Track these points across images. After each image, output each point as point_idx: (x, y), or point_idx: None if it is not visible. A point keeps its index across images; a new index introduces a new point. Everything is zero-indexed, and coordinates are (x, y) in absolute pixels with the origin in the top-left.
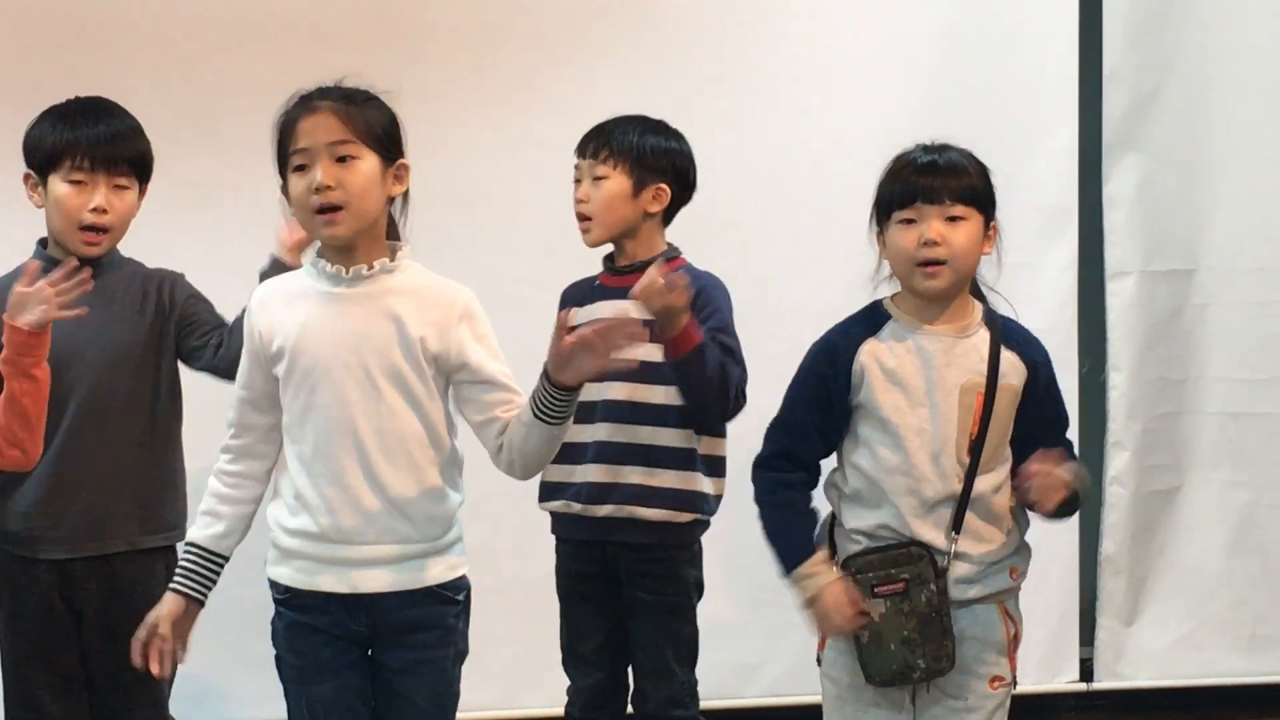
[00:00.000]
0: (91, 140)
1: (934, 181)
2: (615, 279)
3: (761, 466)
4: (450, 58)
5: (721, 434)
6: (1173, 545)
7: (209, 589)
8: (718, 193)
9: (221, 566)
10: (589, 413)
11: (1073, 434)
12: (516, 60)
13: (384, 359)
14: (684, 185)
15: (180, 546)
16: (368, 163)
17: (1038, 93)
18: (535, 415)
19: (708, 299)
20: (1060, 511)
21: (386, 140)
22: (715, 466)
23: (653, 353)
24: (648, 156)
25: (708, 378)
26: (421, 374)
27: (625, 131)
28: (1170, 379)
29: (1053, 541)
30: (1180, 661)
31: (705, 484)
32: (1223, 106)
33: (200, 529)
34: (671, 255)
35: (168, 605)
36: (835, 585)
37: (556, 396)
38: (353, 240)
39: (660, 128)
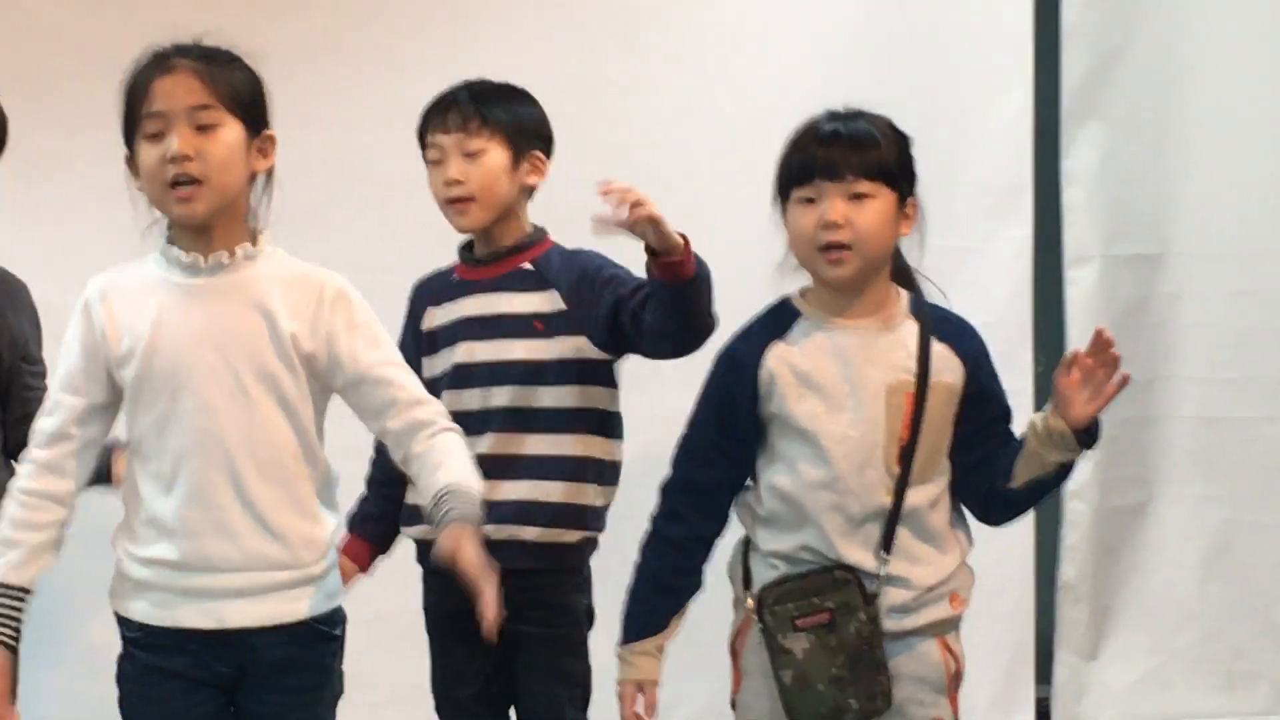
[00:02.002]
0: None
1: (835, 154)
2: (477, 271)
3: (659, 513)
4: (317, 17)
5: (619, 436)
6: (1140, 569)
7: (19, 630)
8: (621, 172)
9: (25, 602)
10: (480, 423)
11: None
12: (393, 20)
13: (254, 359)
14: (550, 152)
15: None
16: (231, 132)
17: (987, 53)
18: (430, 517)
19: (593, 272)
20: (1086, 438)
21: (252, 108)
22: (608, 474)
23: (536, 352)
24: (523, 122)
25: (706, 303)
26: (295, 375)
27: (488, 98)
28: (1136, 379)
29: (1004, 564)
30: (1148, 700)
31: (594, 495)
32: (1196, 69)
33: None
34: (539, 238)
35: None
36: (630, 686)
37: None
38: (210, 220)
39: (518, 92)
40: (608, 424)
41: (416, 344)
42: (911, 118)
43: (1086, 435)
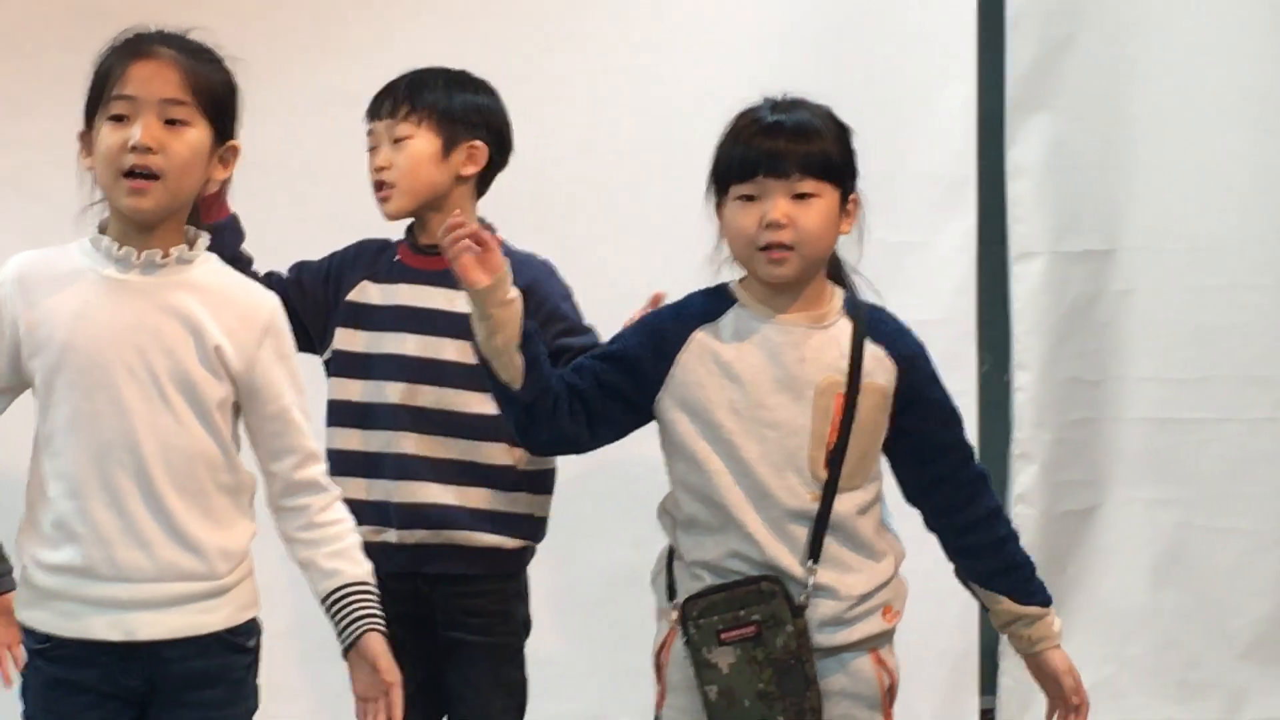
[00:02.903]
0: None
1: (779, 147)
2: (420, 259)
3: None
4: (231, 5)
5: None
6: (1090, 575)
7: None
8: (550, 163)
9: None
10: (406, 419)
11: (972, 443)
12: (321, 7)
13: (175, 363)
14: (500, 146)
15: None
16: (198, 133)
17: (930, 41)
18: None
19: (542, 296)
20: None
21: (224, 113)
22: (539, 483)
23: (468, 354)
24: (457, 110)
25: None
26: (217, 384)
27: (427, 84)
28: (1085, 379)
29: (946, 573)
30: (1099, 711)
31: (527, 503)
32: (1145, 58)
33: None
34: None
35: None
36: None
37: None
38: (157, 220)
39: (466, 79)
40: None
41: (332, 288)
42: (852, 107)
43: None
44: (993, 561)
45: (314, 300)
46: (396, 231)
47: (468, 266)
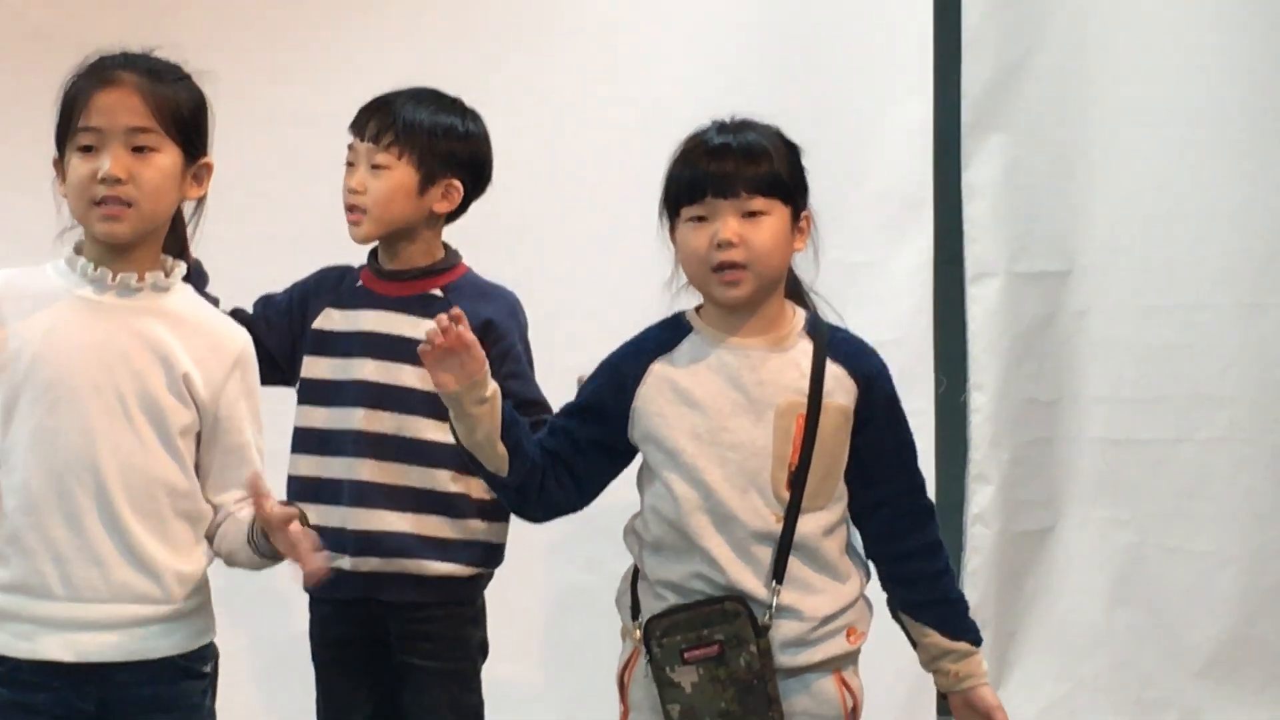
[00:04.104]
0: None
1: (726, 169)
2: (382, 284)
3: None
4: (196, 20)
5: None
6: (1046, 594)
7: None
8: (505, 182)
9: None
10: (364, 445)
11: (927, 465)
12: (272, 23)
13: (141, 386)
14: (477, 179)
15: None
16: (167, 158)
17: (885, 61)
18: (254, 549)
19: (500, 333)
20: None
21: (193, 132)
22: (496, 510)
23: (427, 381)
24: (440, 146)
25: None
26: (184, 411)
27: (415, 112)
28: (1041, 399)
29: None
30: None
31: (483, 531)
32: (1101, 79)
33: None
34: (451, 264)
35: None
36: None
37: (269, 557)
38: (132, 244)
39: (456, 108)
40: None
41: (297, 320)
42: (807, 127)
43: None
44: (927, 593)
45: (279, 332)
46: (352, 254)
47: (443, 375)
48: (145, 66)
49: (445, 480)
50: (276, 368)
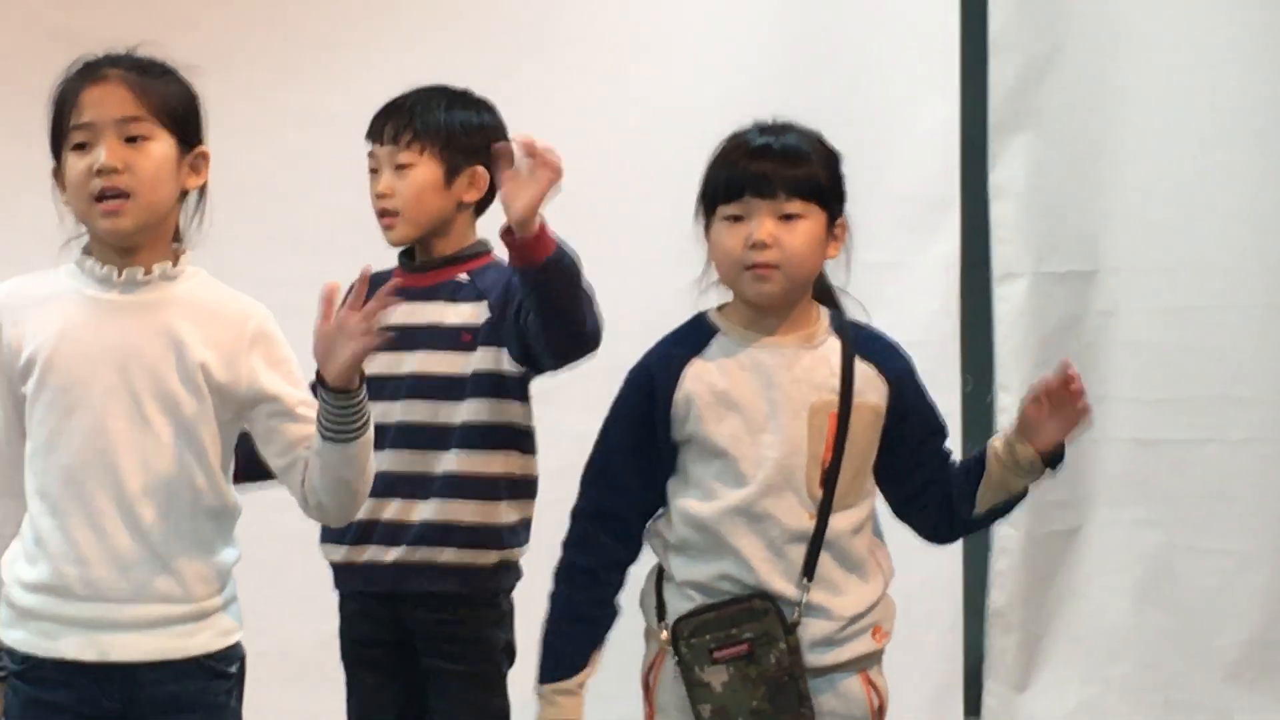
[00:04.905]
0: None
1: (767, 169)
2: (414, 278)
3: (569, 540)
4: (217, 22)
5: (533, 451)
6: (1073, 596)
7: None
8: None
9: None
10: (392, 436)
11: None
12: (293, 25)
13: (156, 382)
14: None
15: None
16: (161, 146)
17: (912, 61)
18: (321, 435)
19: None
20: (1052, 460)
21: (185, 122)
22: (522, 489)
23: (457, 366)
24: (459, 136)
25: (571, 292)
26: (200, 404)
27: (429, 108)
28: None
29: (931, 592)
30: None
31: (507, 512)
32: (1127, 79)
33: None
34: (478, 251)
35: None
36: None
37: (333, 402)
38: (135, 237)
39: (469, 99)
40: (523, 439)
41: None
42: (833, 127)
43: (1054, 457)
44: (967, 491)
45: None
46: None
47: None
48: (131, 62)
49: (474, 463)
50: None
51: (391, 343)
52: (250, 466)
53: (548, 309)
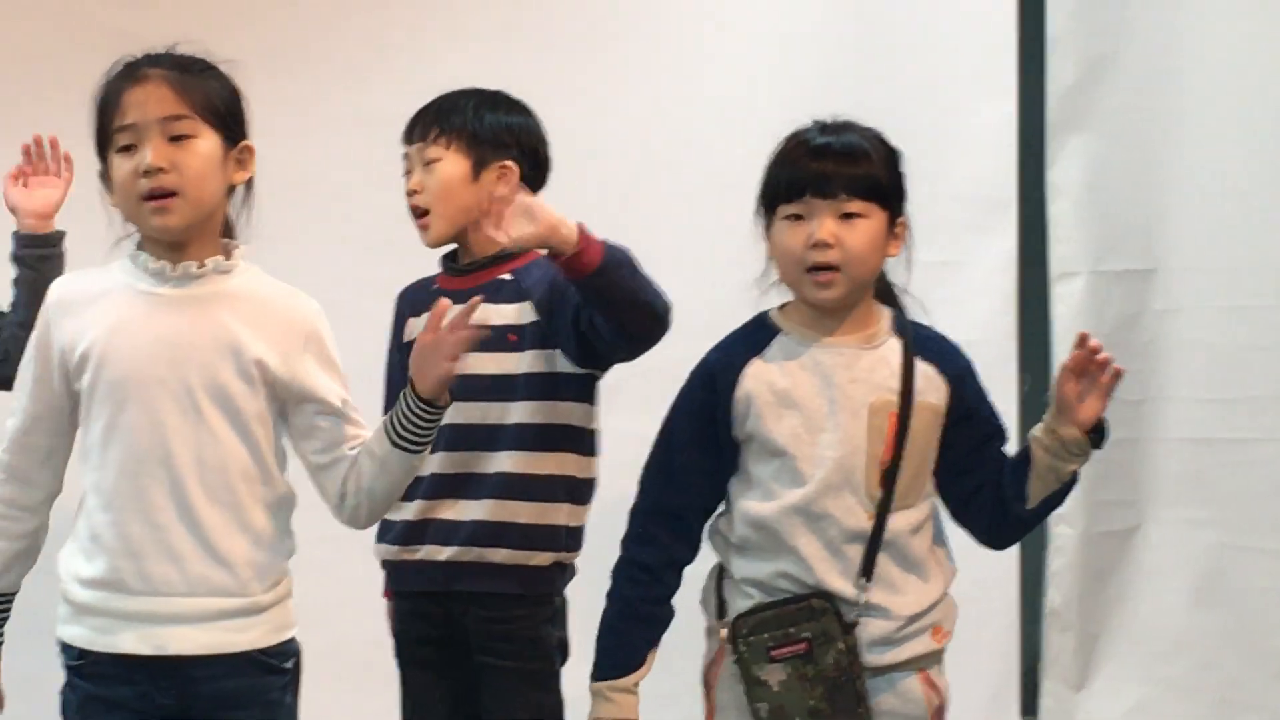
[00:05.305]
0: None
1: (828, 168)
2: (457, 280)
3: (628, 537)
4: (273, 24)
5: (593, 453)
6: (1129, 595)
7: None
8: (583, 181)
9: (9, 602)
10: (445, 439)
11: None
12: (349, 27)
13: (209, 375)
14: (534, 164)
15: None
16: (206, 143)
17: (969, 59)
18: (393, 442)
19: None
20: (1095, 438)
21: (228, 117)
22: (580, 492)
23: (507, 366)
24: (485, 130)
25: (634, 284)
26: (255, 397)
27: (456, 105)
28: (1126, 399)
29: (987, 591)
30: None
31: (566, 515)
32: (1186, 77)
33: None
34: (522, 249)
35: None
36: None
37: (422, 414)
38: (185, 233)
39: (499, 99)
40: (581, 440)
41: (400, 356)
42: (891, 126)
43: (1097, 435)
44: (1017, 488)
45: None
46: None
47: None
48: (171, 60)
49: (527, 464)
50: None
51: None
52: None
53: (617, 306)
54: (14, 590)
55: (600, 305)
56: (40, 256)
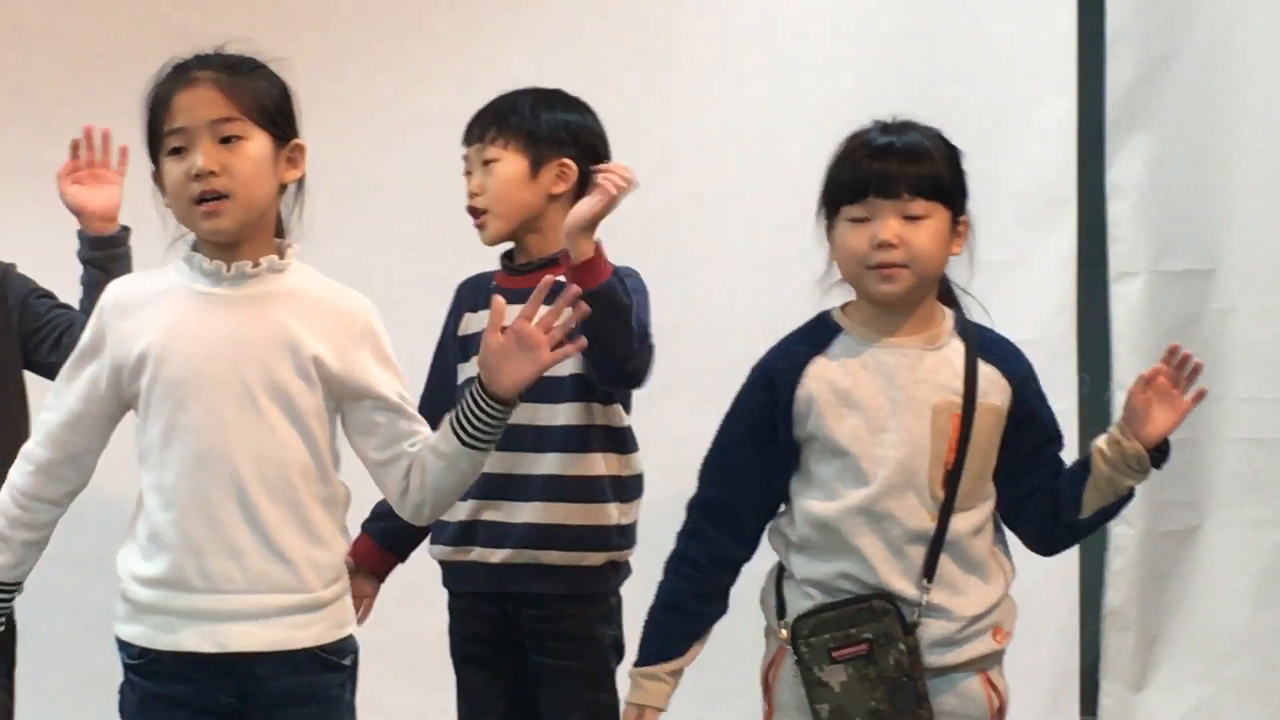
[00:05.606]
0: None
1: (890, 169)
2: (515, 279)
3: (682, 531)
4: (332, 23)
5: (634, 449)
6: (1190, 595)
7: (8, 621)
8: (643, 180)
9: (10, 595)
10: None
11: (1070, 460)
12: (414, 30)
13: (267, 373)
14: (593, 161)
15: None
16: (256, 144)
17: (1028, 59)
18: (461, 440)
19: (631, 288)
20: (1157, 457)
21: (278, 117)
22: (627, 489)
23: (554, 368)
24: (543, 129)
25: (619, 323)
26: (312, 394)
27: (513, 105)
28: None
29: (1047, 591)
30: None
31: (616, 513)
32: (1247, 77)
33: None
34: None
35: None
36: (633, 710)
37: (495, 413)
38: (238, 234)
39: (557, 97)
40: (621, 438)
41: (454, 347)
42: (949, 125)
43: (1159, 454)
44: (1073, 495)
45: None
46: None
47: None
48: (220, 61)
49: (574, 465)
50: None
51: None
52: None
53: (591, 336)
54: (22, 580)
55: (583, 326)
56: (109, 257)
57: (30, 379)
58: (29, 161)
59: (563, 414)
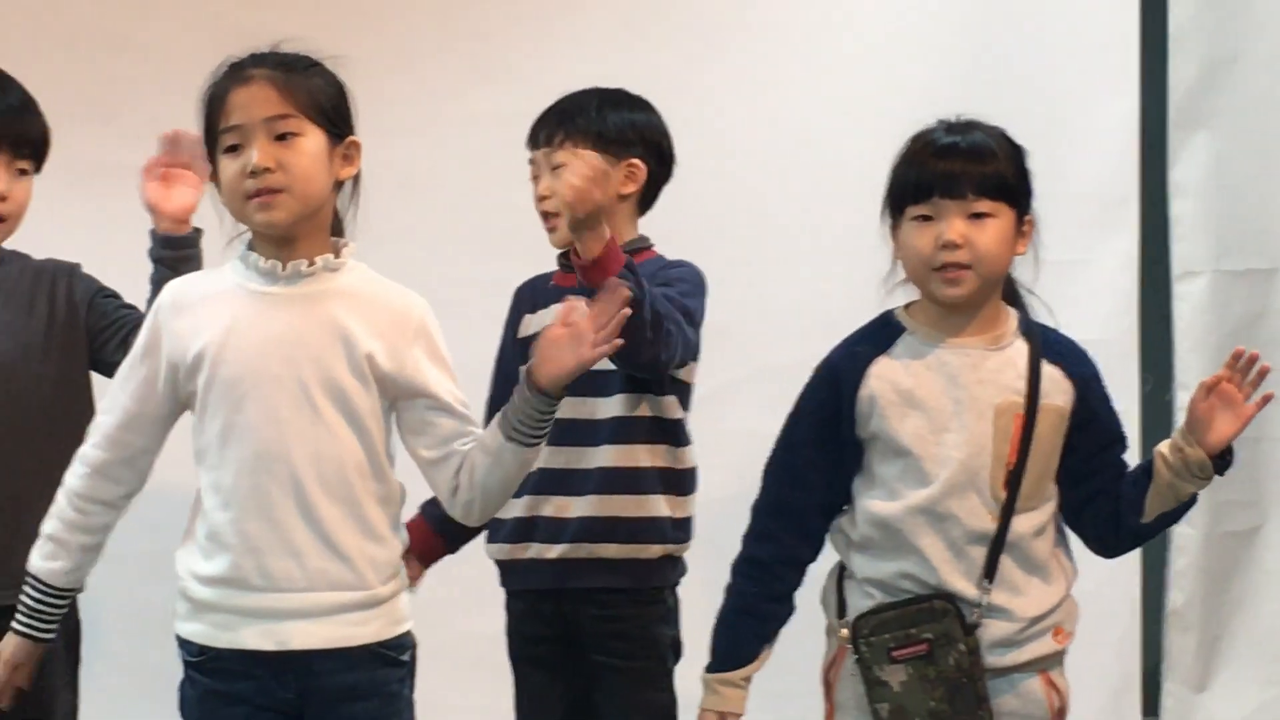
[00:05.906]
0: None
1: (955, 168)
2: (571, 277)
3: (748, 533)
4: (390, 21)
5: (686, 443)
6: (1252, 596)
7: (53, 626)
8: (705, 180)
9: (67, 599)
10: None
11: (1132, 465)
12: (469, 25)
13: (323, 371)
14: (660, 160)
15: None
16: (312, 140)
17: (1090, 58)
18: (509, 436)
19: (676, 276)
20: (1220, 464)
21: (333, 114)
22: (681, 482)
23: (603, 362)
24: (610, 130)
25: (641, 318)
26: (368, 392)
27: (581, 109)
28: None
29: (1109, 591)
30: None
31: (668, 506)
32: None
33: (42, 558)
34: (642, 246)
35: (8, 648)
36: (711, 716)
37: (537, 405)
38: (293, 229)
39: (621, 97)
40: (671, 431)
41: (515, 350)
42: (1011, 124)
43: (1222, 460)
44: (1135, 499)
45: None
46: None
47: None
48: (275, 59)
49: (625, 457)
50: None
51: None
52: None
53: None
54: (80, 588)
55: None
56: (180, 258)
57: (95, 379)
58: (95, 162)
59: (613, 406)
